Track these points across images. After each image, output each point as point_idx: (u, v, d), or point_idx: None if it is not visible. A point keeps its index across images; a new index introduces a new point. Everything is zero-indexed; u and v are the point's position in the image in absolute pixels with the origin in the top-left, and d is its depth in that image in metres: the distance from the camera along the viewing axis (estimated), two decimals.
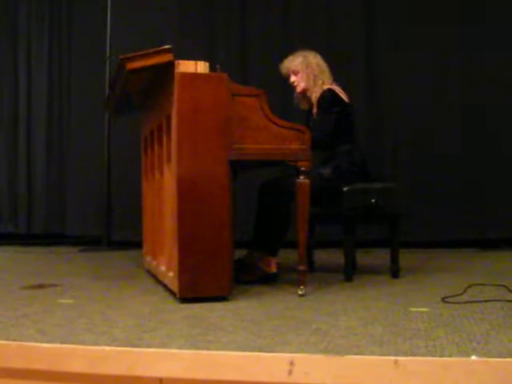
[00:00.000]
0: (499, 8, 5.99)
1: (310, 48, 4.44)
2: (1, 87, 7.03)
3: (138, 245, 5.34)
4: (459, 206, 5.96)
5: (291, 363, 2.14)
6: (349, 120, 4.30)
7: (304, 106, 4.54)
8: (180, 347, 2.36)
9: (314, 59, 4.36)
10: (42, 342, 2.43)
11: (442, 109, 6.08)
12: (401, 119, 6.17)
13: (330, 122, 4.19)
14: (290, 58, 4.41)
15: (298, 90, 4.42)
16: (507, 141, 5.98)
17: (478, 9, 6.04)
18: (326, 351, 2.27)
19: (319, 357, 2.18)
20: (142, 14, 6.47)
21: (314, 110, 4.35)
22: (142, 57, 3.36)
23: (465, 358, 2.12)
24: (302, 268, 3.57)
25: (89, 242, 6.52)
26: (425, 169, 6.03)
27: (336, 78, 4.40)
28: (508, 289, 3.54)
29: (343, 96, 4.30)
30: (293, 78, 4.40)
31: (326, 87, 4.30)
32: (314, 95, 4.34)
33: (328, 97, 4.25)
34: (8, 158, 6.97)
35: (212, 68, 3.45)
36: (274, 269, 4.08)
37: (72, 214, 6.78)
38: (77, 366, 2.31)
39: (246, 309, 3.18)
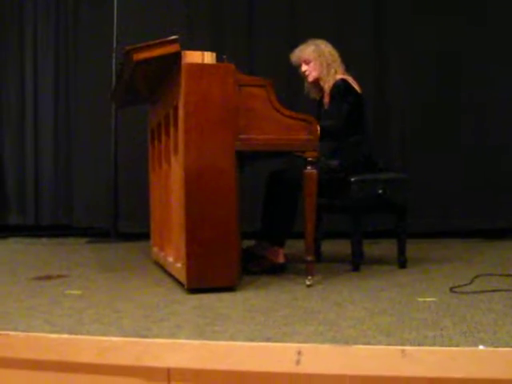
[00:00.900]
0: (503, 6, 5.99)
1: (318, 37, 4.41)
2: (8, 80, 7.02)
3: (145, 236, 5.36)
4: (466, 196, 5.95)
5: (299, 353, 2.15)
6: (360, 111, 4.28)
7: (315, 96, 4.52)
8: (188, 337, 2.37)
9: (327, 48, 4.32)
10: (49, 333, 2.44)
11: (449, 100, 6.06)
12: (408, 110, 6.15)
13: (342, 113, 4.15)
14: (301, 46, 4.36)
15: (310, 79, 4.38)
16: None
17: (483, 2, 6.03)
18: (333, 341, 2.27)
19: (327, 347, 2.18)
20: (148, 5, 6.46)
21: (326, 100, 4.32)
22: (149, 47, 3.36)
23: (472, 348, 2.12)
24: (309, 258, 3.58)
25: (96, 234, 6.53)
26: (432, 159, 6.02)
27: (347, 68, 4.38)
28: None
29: (356, 86, 4.27)
30: (304, 67, 4.36)
31: (338, 77, 4.26)
32: (327, 85, 4.29)
33: (341, 86, 4.22)
34: (16, 150, 6.98)
35: (219, 58, 3.44)
36: (281, 259, 4.08)
37: (80, 206, 6.79)
38: (85, 357, 2.32)
39: (253, 299, 3.19)
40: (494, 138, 5.96)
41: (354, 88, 4.25)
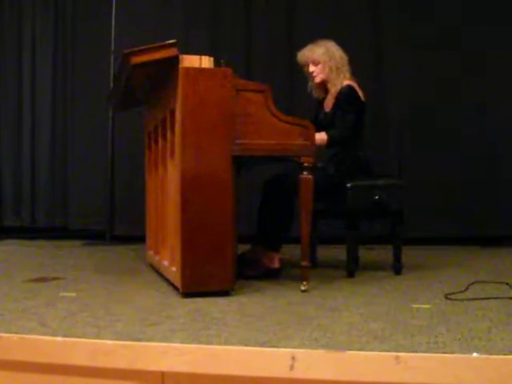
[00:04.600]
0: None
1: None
2: (5, 82, 7.00)
3: (141, 239, 5.34)
4: (462, 203, 5.95)
5: (293, 358, 2.15)
6: (361, 118, 4.27)
7: (318, 95, 4.49)
8: (182, 341, 2.36)
9: (337, 51, 4.30)
10: (44, 335, 2.43)
11: (446, 106, 6.07)
12: (404, 117, 6.14)
13: (348, 123, 4.16)
14: (311, 46, 4.32)
15: (317, 80, 4.35)
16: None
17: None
18: (327, 347, 2.27)
19: (321, 352, 2.18)
20: (146, 8, 6.47)
21: (330, 103, 4.30)
22: (147, 51, 3.36)
23: (466, 355, 2.12)
24: (304, 264, 3.58)
25: (92, 236, 6.52)
26: (429, 164, 6.01)
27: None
28: (510, 286, 3.54)
29: (360, 93, 4.27)
30: (312, 68, 4.32)
31: (346, 82, 4.24)
32: (334, 89, 4.27)
33: (348, 93, 4.21)
34: (12, 152, 6.97)
35: (216, 63, 3.45)
36: (276, 264, 4.08)
37: (75, 208, 6.77)
38: (79, 360, 2.32)
39: (248, 304, 3.19)
40: (493, 144, 5.96)
41: (359, 96, 4.25)
